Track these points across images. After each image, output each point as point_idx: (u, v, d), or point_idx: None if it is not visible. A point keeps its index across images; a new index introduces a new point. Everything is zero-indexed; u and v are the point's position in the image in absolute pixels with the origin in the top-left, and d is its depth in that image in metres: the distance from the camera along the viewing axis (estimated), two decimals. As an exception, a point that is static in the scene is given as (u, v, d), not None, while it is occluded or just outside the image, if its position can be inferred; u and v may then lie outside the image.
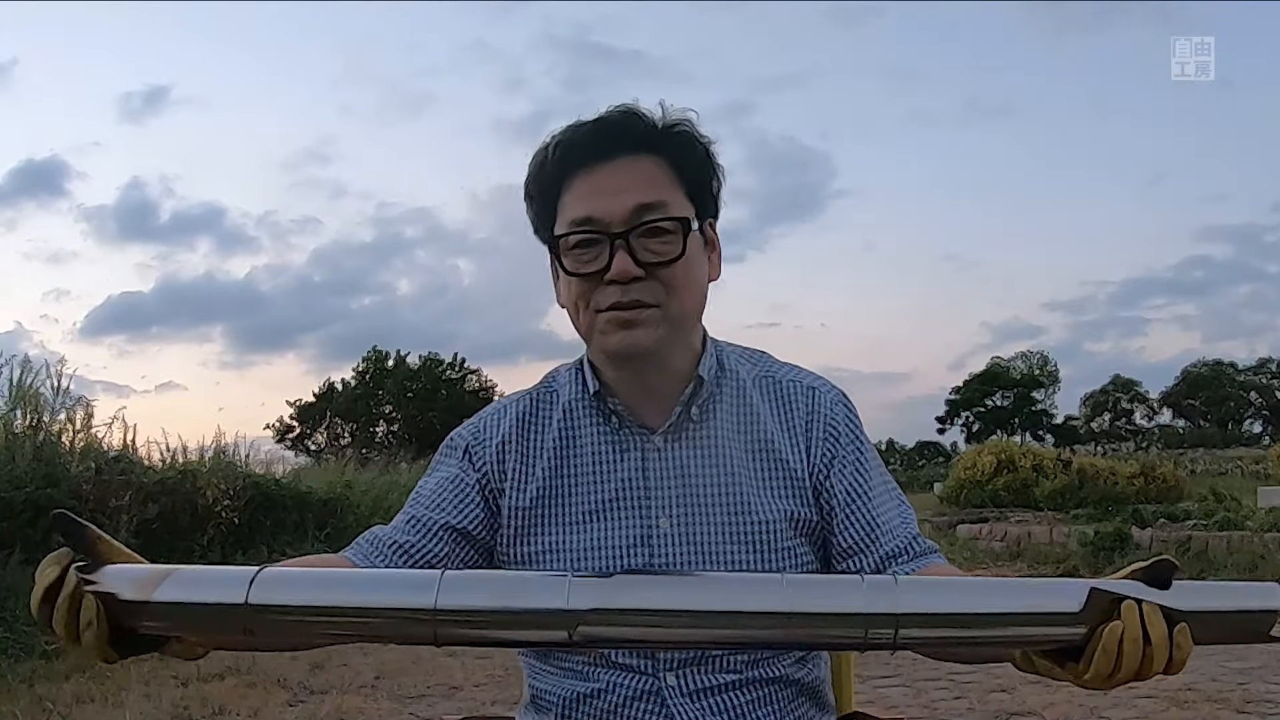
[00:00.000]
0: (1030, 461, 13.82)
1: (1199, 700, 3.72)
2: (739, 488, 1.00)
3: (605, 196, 0.95)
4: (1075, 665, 0.72)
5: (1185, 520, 8.60)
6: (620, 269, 0.94)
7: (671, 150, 0.98)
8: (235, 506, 7.62)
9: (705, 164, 1.01)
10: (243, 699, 3.98)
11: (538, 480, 1.03)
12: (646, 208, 0.95)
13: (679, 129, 1.00)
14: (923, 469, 41.73)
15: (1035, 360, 58.72)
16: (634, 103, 1.01)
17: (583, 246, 0.96)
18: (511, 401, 1.09)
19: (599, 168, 0.96)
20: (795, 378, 1.07)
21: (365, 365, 43.01)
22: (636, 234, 0.94)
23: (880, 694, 3.90)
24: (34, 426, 6.38)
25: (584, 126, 0.98)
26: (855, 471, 1.02)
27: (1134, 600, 0.71)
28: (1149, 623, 0.71)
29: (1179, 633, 0.71)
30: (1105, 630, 0.70)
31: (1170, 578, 0.73)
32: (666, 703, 0.98)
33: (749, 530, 0.99)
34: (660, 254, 0.95)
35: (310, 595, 0.69)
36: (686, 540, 0.99)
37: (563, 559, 1.00)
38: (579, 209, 0.96)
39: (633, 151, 0.97)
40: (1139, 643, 0.70)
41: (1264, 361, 56.42)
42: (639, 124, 0.98)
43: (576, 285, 0.97)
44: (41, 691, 4.04)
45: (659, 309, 0.96)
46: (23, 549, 5.27)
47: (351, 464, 11.92)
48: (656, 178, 0.97)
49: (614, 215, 0.94)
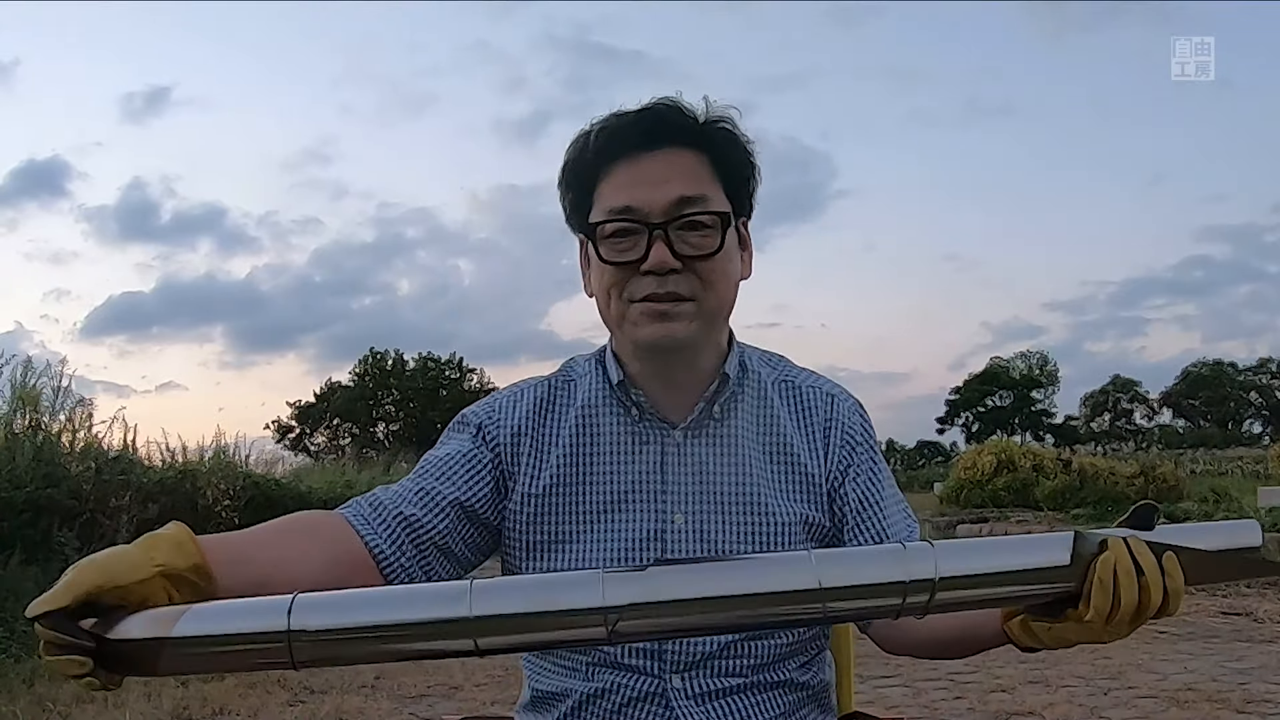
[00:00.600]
0: (1030, 461, 13.85)
1: (1199, 700, 3.71)
2: (755, 488, 1.00)
3: (647, 187, 0.94)
4: (1075, 611, 0.73)
5: (1185, 520, 8.60)
6: (658, 259, 0.93)
7: (714, 146, 0.98)
8: (235, 506, 7.62)
9: (745, 162, 1.01)
10: (243, 699, 3.98)
11: (552, 468, 1.01)
12: (687, 200, 0.95)
13: (722, 125, 0.99)
14: (923, 469, 41.75)
15: (1035, 360, 58.79)
16: (677, 95, 1.00)
17: (620, 235, 0.96)
18: (528, 386, 1.07)
19: (642, 158, 0.96)
20: (814, 384, 1.08)
21: (364, 366, 43.05)
22: (675, 226, 0.94)
23: (880, 694, 3.90)
24: (34, 426, 6.39)
25: (627, 116, 0.98)
26: (869, 480, 1.03)
27: (1120, 538, 0.73)
28: (1137, 552, 0.72)
29: (1167, 561, 0.73)
30: (1098, 563, 0.72)
31: (1153, 519, 0.76)
32: (671, 704, 0.97)
33: (763, 530, 0.99)
34: (699, 248, 0.95)
35: (351, 617, 0.68)
36: (700, 537, 0.98)
37: (576, 549, 0.99)
38: (619, 198, 0.95)
39: (676, 144, 0.96)
40: (1132, 573, 0.72)
41: (1264, 361, 56.49)
42: (683, 117, 0.98)
43: (610, 274, 0.96)
44: (41, 691, 4.04)
45: (694, 303, 0.96)
46: (23, 549, 5.27)
47: (351, 464, 11.93)
48: (698, 172, 0.97)
49: (654, 205, 0.94)
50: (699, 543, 0.98)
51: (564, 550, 1.00)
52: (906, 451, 56.41)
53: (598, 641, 0.69)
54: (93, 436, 6.83)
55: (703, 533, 0.98)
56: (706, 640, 0.96)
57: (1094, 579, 0.71)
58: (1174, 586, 0.73)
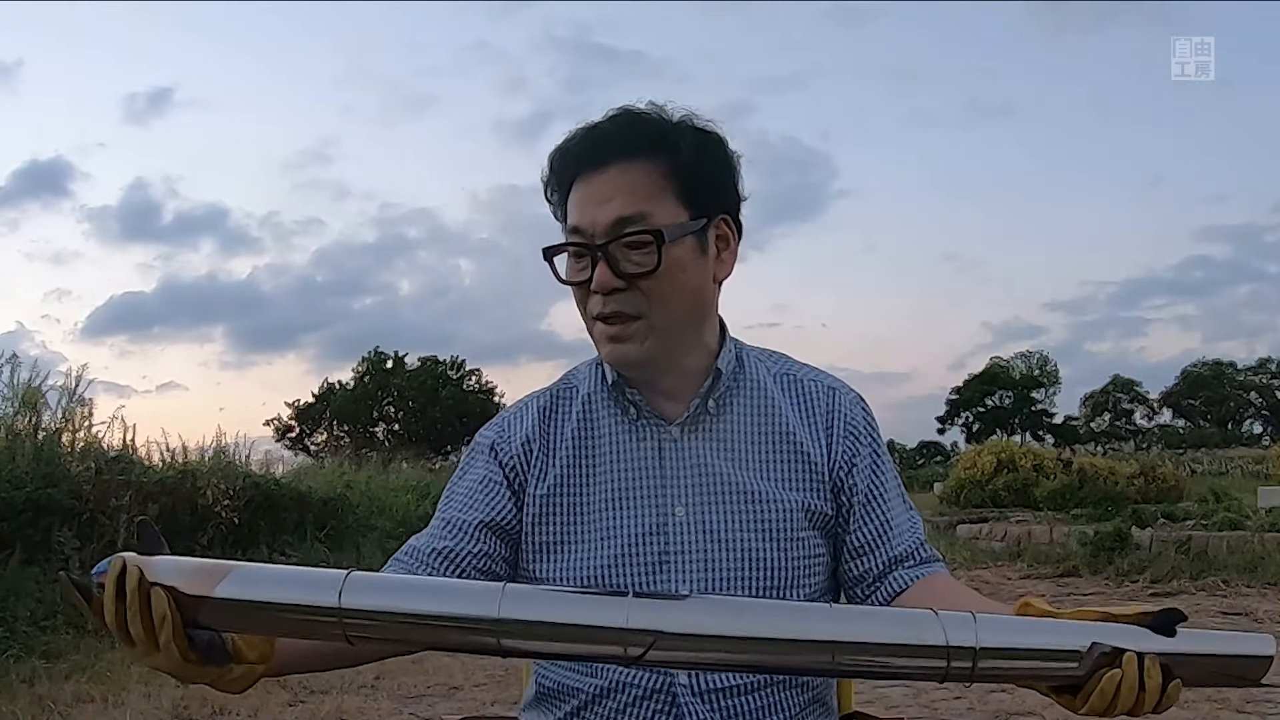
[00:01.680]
0: (1030, 461, 13.83)
1: (1199, 700, 3.72)
2: (754, 478, 1.02)
3: (592, 206, 0.97)
4: (1071, 698, 0.77)
5: (1185, 520, 8.60)
6: (600, 280, 0.96)
7: (666, 152, 0.98)
8: (235, 506, 7.61)
9: (705, 161, 1.00)
10: (243, 699, 3.98)
11: (556, 470, 1.04)
12: (625, 220, 0.96)
13: (675, 129, 0.99)
14: (923, 469, 41.72)
15: (1035, 360, 58.75)
16: (635, 103, 1.01)
17: (575, 255, 0.99)
18: (532, 399, 1.10)
19: (593, 176, 0.98)
20: (815, 377, 1.10)
21: (365, 366, 43.02)
22: (617, 245, 0.96)
23: (880, 694, 3.90)
24: (34, 426, 6.38)
25: (578, 134, 1.00)
26: (874, 472, 1.05)
27: (1135, 653, 0.75)
28: (1147, 675, 0.76)
29: (1173, 687, 0.77)
30: (1105, 676, 0.75)
31: (1175, 627, 0.77)
32: (678, 701, 0.98)
33: (763, 519, 1.01)
34: (640, 265, 0.96)
35: (398, 601, 0.71)
36: (702, 528, 1.00)
37: (581, 546, 1.02)
38: (573, 217, 0.99)
39: (626, 157, 0.97)
40: (1134, 691, 0.75)
41: (1264, 361, 56.40)
42: (632, 129, 0.98)
43: (575, 292, 1.01)
44: (41, 691, 4.04)
45: (642, 320, 0.98)
46: (23, 549, 5.26)
47: (351, 464, 11.93)
48: (644, 185, 0.97)
49: (597, 226, 0.96)
50: (700, 534, 1.00)
51: (570, 548, 1.02)
52: (907, 451, 56.33)
53: (615, 660, 0.71)
54: (93, 436, 6.83)
55: (703, 523, 1.00)
56: None
57: (1098, 687, 0.75)
58: (1168, 701, 0.77)
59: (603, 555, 1.00)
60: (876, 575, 1.02)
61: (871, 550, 1.02)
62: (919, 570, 1.01)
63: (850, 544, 1.03)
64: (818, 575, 1.03)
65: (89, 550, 5.64)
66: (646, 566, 0.99)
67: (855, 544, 1.03)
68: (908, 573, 1.01)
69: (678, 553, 1.00)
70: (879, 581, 1.01)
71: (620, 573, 1.00)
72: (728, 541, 1.00)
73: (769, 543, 1.00)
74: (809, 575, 1.02)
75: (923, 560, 1.02)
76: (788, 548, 1.00)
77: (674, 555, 1.00)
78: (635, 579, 0.99)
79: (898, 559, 1.01)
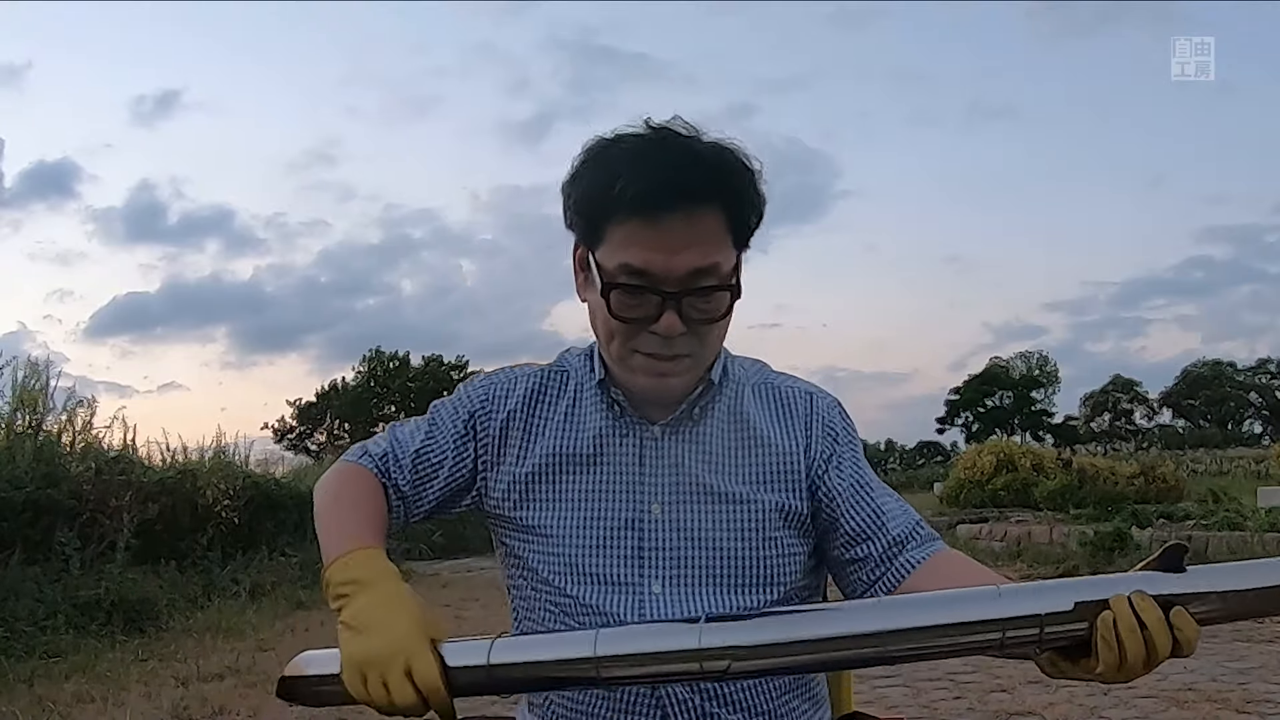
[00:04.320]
0: (1030, 461, 13.86)
1: (1199, 700, 3.72)
2: (730, 480, 1.04)
3: (664, 253, 0.94)
4: (1087, 661, 0.77)
5: (1185, 520, 8.60)
6: (668, 326, 0.96)
7: (729, 199, 0.97)
8: (235, 506, 7.63)
9: (757, 208, 1.00)
10: (243, 699, 3.98)
11: (537, 456, 1.06)
12: (701, 272, 0.95)
13: (737, 174, 0.98)
14: (923, 469, 41.70)
15: (1035, 360, 58.79)
16: (675, 122, 0.99)
17: (631, 293, 0.96)
18: (522, 376, 1.12)
19: (663, 219, 0.94)
20: (792, 384, 1.12)
21: (366, 365, 43.05)
22: (687, 295, 0.96)
23: (880, 694, 3.90)
24: (34, 426, 6.39)
25: (648, 167, 0.95)
26: (854, 467, 1.07)
27: (1123, 595, 0.76)
28: (1139, 609, 0.75)
29: (1176, 615, 0.75)
30: (1098, 621, 0.75)
31: (1182, 561, 0.77)
32: (662, 696, 1.00)
33: (737, 519, 1.03)
34: (706, 314, 0.98)
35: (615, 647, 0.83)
36: (676, 527, 1.03)
37: (559, 531, 1.04)
38: (635, 257, 0.95)
39: (694, 203, 0.95)
40: (1135, 630, 0.75)
41: (1264, 361, 56.46)
42: (702, 172, 0.96)
43: (616, 324, 0.98)
44: (41, 691, 4.04)
45: (691, 358, 1.00)
46: (23, 549, 5.27)
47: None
48: (714, 234, 0.96)
49: (670, 274, 0.95)
50: (674, 531, 1.03)
51: (549, 533, 1.05)
52: (906, 451, 56.35)
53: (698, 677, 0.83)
54: (93, 436, 6.83)
55: (678, 522, 1.03)
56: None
57: (1098, 635, 0.75)
58: (1184, 637, 0.75)
59: (581, 543, 1.03)
60: (879, 559, 1.03)
61: (869, 536, 1.03)
62: (923, 550, 1.03)
63: (844, 531, 1.04)
64: (794, 572, 1.05)
65: (89, 550, 5.65)
66: (623, 559, 1.02)
67: (849, 531, 1.04)
68: (914, 554, 1.02)
69: (653, 549, 1.02)
70: (884, 565, 1.03)
71: (598, 563, 1.03)
72: (702, 540, 1.02)
73: (742, 542, 1.03)
74: (784, 572, 1.04)
75: (924, 539, 1.04)
76: (760, 546, 1.03)
77: (649, 551, 1.02)
78: (612, 570, 1.02)
79: (898, 541, 1.02)
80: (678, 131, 0.98)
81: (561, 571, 1.03)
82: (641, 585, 1.02)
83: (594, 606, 1.01)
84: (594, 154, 0.99)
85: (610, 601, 1.01)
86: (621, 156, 0.97)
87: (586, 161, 1.00)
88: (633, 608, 1.00)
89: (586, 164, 1.00)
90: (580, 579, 1.02)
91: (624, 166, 0.95)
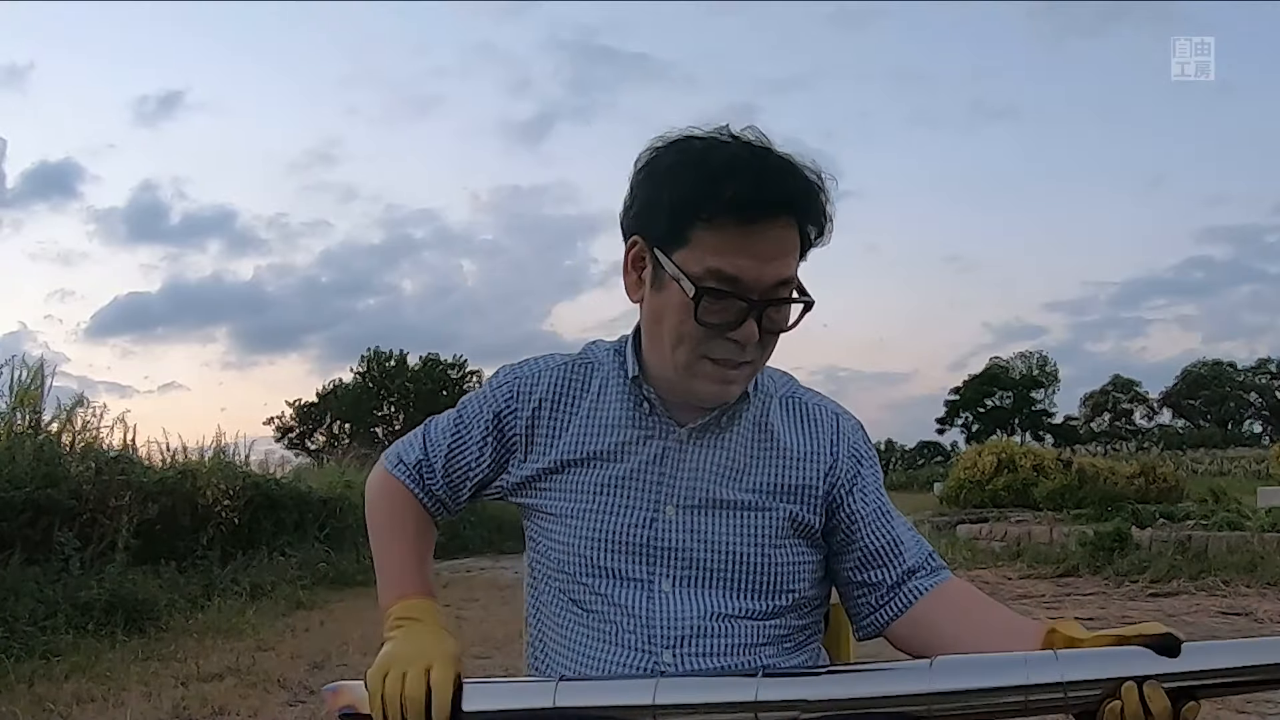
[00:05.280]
0: (1030, 461, 13.85)
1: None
2: (746, 488, 1.06)
3: (756, 262, 0.95)
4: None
5: (1185, 520, 8.60)
6: (747, 335, 0.97)
7: (807, 215, 0.99)
8: (235, 506, 7.63)
9: (822, 226, 1.01)
10: (243, 699, 3.98)
11: (561, 447, 1.08)
12: (785, 284, 0.98)
13: (820, 191, 0.99)
14: (923, 469, 41.74)
15: (1035, 360, 58.79)
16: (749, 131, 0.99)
17: (719, 298, 0.96)
18: (547, 369, 1.12)
19: (757, 226, 0.95)
20: (820, 402, 1.14)
21: (366, 365, 43.04)
22: (769, 305, 0.97)
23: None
24: (34, 426, 6.39)
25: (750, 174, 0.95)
26: (877, 494, 1.10)
27: (1134, 681, 0.78)
28: (1149, 699, 0.77)
29: (1188, 710, 0.78)
30: (1105, 709, 0.78)
31: (1177, 648, 0.79)
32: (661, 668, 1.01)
33: (751, 526, 1.05)
34: (779, 323, 1.00)
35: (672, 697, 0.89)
36: (689, 529, 1.04)
37: (574, 520, 1.06)
38: (728, 264, 0.95)
39: (789, 214, 0.97)
40: (1140, 718, 0.77)
41: (1264, 361, 56.44)
42: (798, 185, 0.97)
43: (692, 327, 0.97)
44: (41, 691, 4.04)
45: (753, 365, 1.02)
46: (23, 549, 5.27)
47: (351, 464, 11.93)
48: (795, 246, 0.98)
49: (759, 283, 0.96)
50: (687, 533, 1.04)
51: (565, 521, 1.07)
52: (906, 451, 56.39)
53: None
54: (93, 436, 6.83)
55: (692, 525, 1.04)
56: (691, 618, 1.02)
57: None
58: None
59: (594, 534, 1.05)
60: (891, 585, 1.05)
61: (884, 563, 1.06)
62: (931, 579, 1.05)
63: (860, 554, 1.07)
64: (804, 581, 1.07)
65: (89, 550, 5.65)
66: (635, 556, 1.04)
67: (865, 555, 1.07)
68: (922, 582, 1.05)
69: (665, 549, 1.04)
70: (894, 590, 1.05)
71: (610, 557, 1.04)
72: (714, 544, 1.04)
73: (754, 548, 1.04)
74: (794, 581, 1.06)
75: (933, 570, 1.07)
76: (772, 554, 1.04)
77: (660, 551, 1.04)
78: (624, 565, 1.04)
79: (911, 570, 1.06)
80: (765, 143, 0.99)
81: (575, 562, 1.05)
82: (652, 582, 1.03)
83: (607, 597, 1.03)
84: (684, 155, 0.98)
85: (621, 595, 1.03)
86: (718, 161, 0.96)
87: (676, 161, 0.99)
88: (642, 603, 1.02)
89: (676, 164, 0.98)
90: (593, 570, 1.04)
91: (721, 171, 0.95)
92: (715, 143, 0.98)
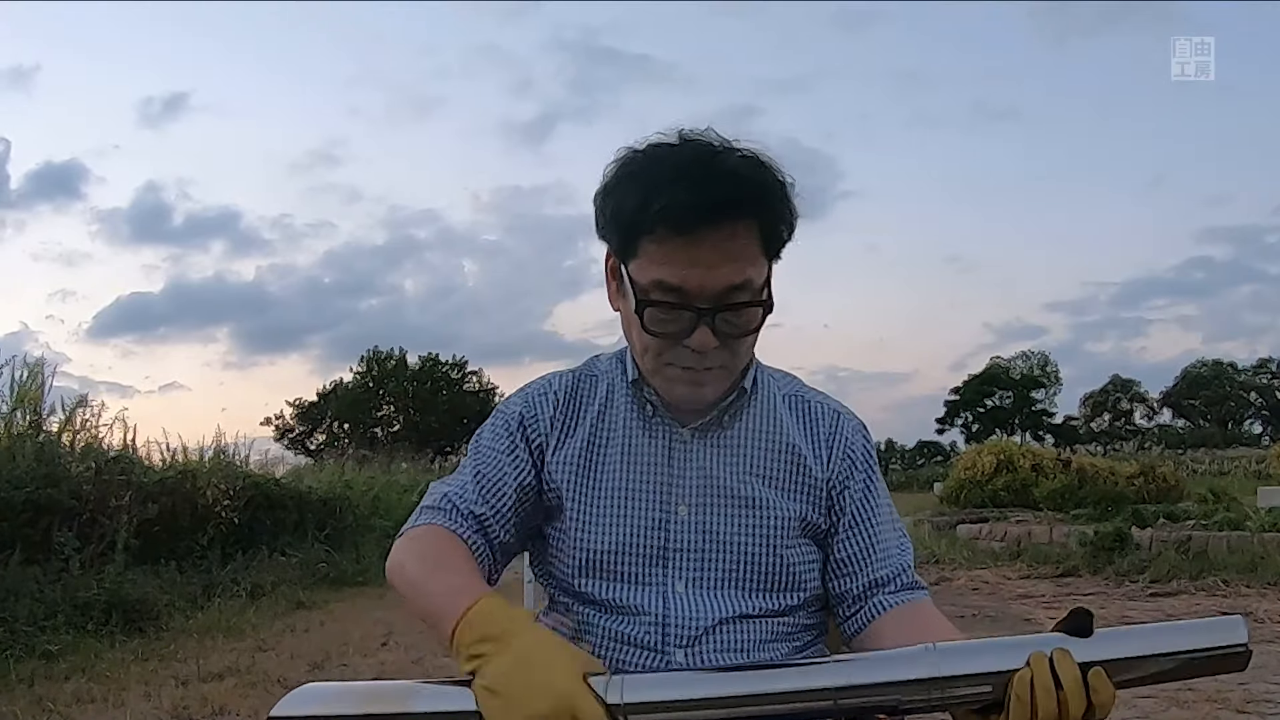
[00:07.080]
0: (1030, 461, 13.82)
1: (1199, 700, 3.72)
2: (755, 486, 1.06)
3: (699, 270, 0.94)
4: (999, 718, 0.78)
5: (1185, 520, 8.59)
6: (700, 342, 0.97)
7: (763, 213, 0.97)
8: (235, 506, 7.62)
9: (788, 220, 1.00)
10: (243, 699, 3.98)
11: (572, 452, 1.08)
12: (736, 289, 0.96)
13: (771, 189, 0.98)
14: (923, 469, 41.74)
15: (1035, 360, 58.78)
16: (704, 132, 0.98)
17: (665, 308, 0.97)
18: (555, 378, 1.14)
19: (700, 236, 0.93)
20: (822, 400, 1.14)
21: (365, 365, 43.02)
22: (720, 311, 0.96)
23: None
24: (34, 426, 6.39)
25: (684, 184, 0.94)
26: (864, 495, 1.09)
27: (1042, 653, 0.77)
28: (1059, 668, 0.77)
29: (1094, 676, 0.77)
30: (1015, 679, 0.77)
31: (1089, 625, 0.79)
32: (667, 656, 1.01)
33: (761, 525, 1.05)
34: (738, 328, 0.99)
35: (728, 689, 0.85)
36: (702, 529, 1.05)
37: (586, 526, 1.06)
38: (670, 274, 0.95)
39: (730, 220, 0.95)
40: (1050, 690, 0.76)
41: (1264, 361, 56.43)
42: (738, 189, 0.95)
43: (648, 338, 0.99)
44: (41, 691, 4.04)
45: (724, 369, 1.02)
46: (23, 549, 5.27)
47: (351, 464, 11.94)
48: (747, 248, 0.97)
49: (704, 291, 0.95)
50: (700, 534, 1.05)
51: (576, 527, 1.06)
52: (906, 451, 56.35)
53: None
54: (93, 436, 6.83)
55: (704, 525, 1.05)
56: (705, 618, 1.02)
57: (1012, 693, 0.77)
58: (1100, 699, 0.77)
59: (607, 540, 1.05)
60: (856, 596, 1.05)
61: (853, 571, 1.06)
62: (899, 596, 1.04)
63: (833, 560, 1.07)
64: (813, 579, 1.07)
65: (89, 550, 5.65)
66: (648, 558, 1.04)
67: (837, 559, 1.07)
68: (888, 598, 1.04)
69: (677, 550, 1.04)
70: (858, 603, 1.05)
71: (623, 560, 1.04)
72: (726, 544, 1.04)
73: (765, 546, 1.05)
74: (805, 578, 1.06)
75: (903, 586, 1.05)
76: (783, 554, 1.05)
77: (673, 552, 1.04)
78: (636, 568, 1.04)
79: (878, 583, 1.05)
80: (712, 145, 0.97)
81: (590, 565, 1.05)
82: (665, 584, 1.04)
83: (621, 599, 1.03)
84: (628, 167, 0.99)
85: (636, 597, 1.03)
86: (657, 171, 0.96)
87: (620, 175, 0.99)
88: (656, 604, 1.02)
89: (620, 177, 0.99)
90: (608, 574, 1.04)
91: (659, 182, 0.95)
92: (659, 153, 0.98)
